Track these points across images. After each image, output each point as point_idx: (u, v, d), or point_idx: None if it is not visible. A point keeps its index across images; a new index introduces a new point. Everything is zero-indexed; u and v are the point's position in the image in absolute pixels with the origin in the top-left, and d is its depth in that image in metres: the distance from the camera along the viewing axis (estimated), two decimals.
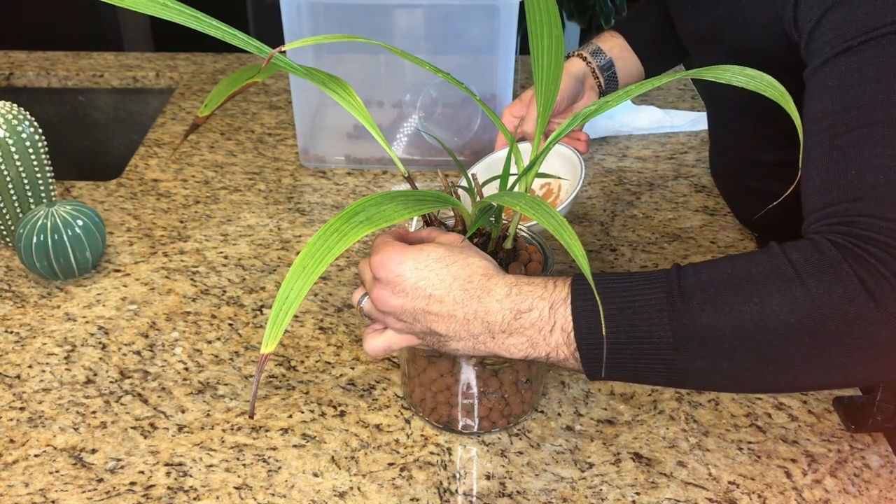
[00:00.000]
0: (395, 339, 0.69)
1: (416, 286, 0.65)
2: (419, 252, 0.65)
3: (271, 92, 1.46)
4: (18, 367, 0.86)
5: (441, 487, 0.73)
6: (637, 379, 0.68)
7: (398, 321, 0.67)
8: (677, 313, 0.61)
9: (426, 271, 0.65)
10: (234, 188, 1.17)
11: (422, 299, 0.65)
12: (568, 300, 0.64)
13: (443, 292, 0.64)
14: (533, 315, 0.64)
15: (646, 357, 0.63)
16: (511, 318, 0.64)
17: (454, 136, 1.23)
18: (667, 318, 0.61)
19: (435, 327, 0.65)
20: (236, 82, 0.67)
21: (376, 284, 0.67)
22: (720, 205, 1.12)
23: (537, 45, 0.70)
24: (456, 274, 0.65)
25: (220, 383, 0.84)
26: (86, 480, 0.74)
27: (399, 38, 1.18)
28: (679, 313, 0.61)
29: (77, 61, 1.58)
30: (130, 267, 1.01)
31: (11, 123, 0.95)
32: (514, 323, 0.64)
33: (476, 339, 0.65)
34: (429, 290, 0.65)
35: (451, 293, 0.64)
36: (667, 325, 0.61)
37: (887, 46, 0.64)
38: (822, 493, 0.72)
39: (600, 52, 1.10)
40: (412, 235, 0.71)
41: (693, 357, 0.62)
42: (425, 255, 0.65)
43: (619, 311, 0.63)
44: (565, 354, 0.64)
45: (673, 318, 0.61)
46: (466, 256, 0.66)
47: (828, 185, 0.65)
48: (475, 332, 0.65)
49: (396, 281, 0.65)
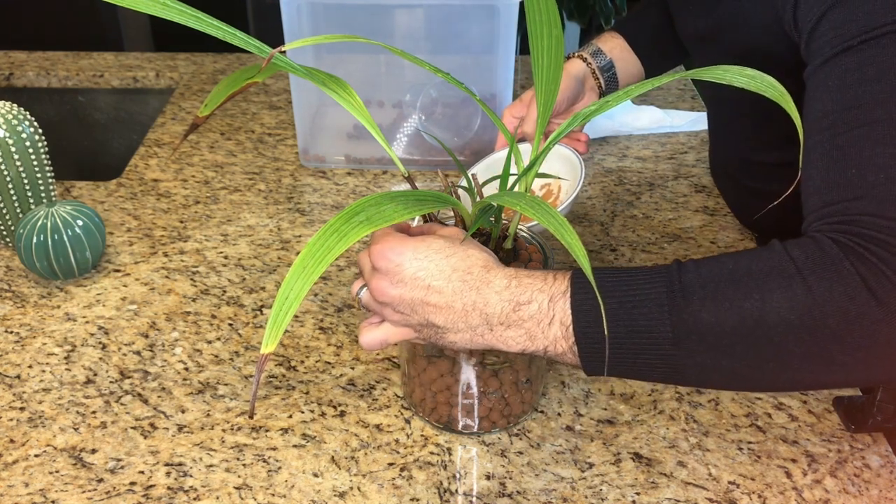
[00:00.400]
0: (391, 331, 0.69)
1: (414, 276, 0.65)
2: (419, 243, 0.65)
3: (271, 92, 1.46)
4: (18, 367, 0.86)
5: (441, 487, 0.73)
6: (635, 375, 0.68)
7: (396, 312, 0.67)
8: (677, 308, 0.61)
9: (426, 261, 0.65)
10: (234, 188, 1.17)
11: (420, 289, 0.65)
12: (567, 293, 0.64)
13: (442, 283, 0.64)
14: (532, 307, 0.64)
15: (645, 352, 0.63)
16: (510, 311, 0.64)
17: (454, 136, 1.23)
18: (667, 313, 0.61)
19: (433, 318, 0.65)
20: (236, 82, 0.67)
21: (375, 274, 0.66)
22: (720, 205, 1.12)
23: (537, 45, 0.70)
24: (455, 265, 0.65)
25: (220, 383, 0.84)
26: (86, 480, 0.74)
27: (399, 38, 1.18)
28: (679, 308, 0.61)
29: (77, 61, 1.58)
30: (130, 267, 1.01)
31: (11, 123, 0.95)
32: (513, 315, 0.64)
33: (474, 330, 0.65)
34: (428, 280, 0.65)
35: (451, 284, 0.64)
36: (666, 320, 0.61)
37: (887, 46, 0.64)
38: (822, 493, 0.72)
39: (601, 53, 1.10)
40: (413, 229, 0.71)
41: (692, 353, 0.62)
42: (425, 246, 0.65)
43: (619, 305, 0.62)
44: (563, 348, 0.64)
45: (673, 314, 0.61)
46: (466, 248, 0.66)
47: (828, 185, 0.65)
48: (473, 324, 0.65)
49: (395, 271, 0.65)
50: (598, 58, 1.10)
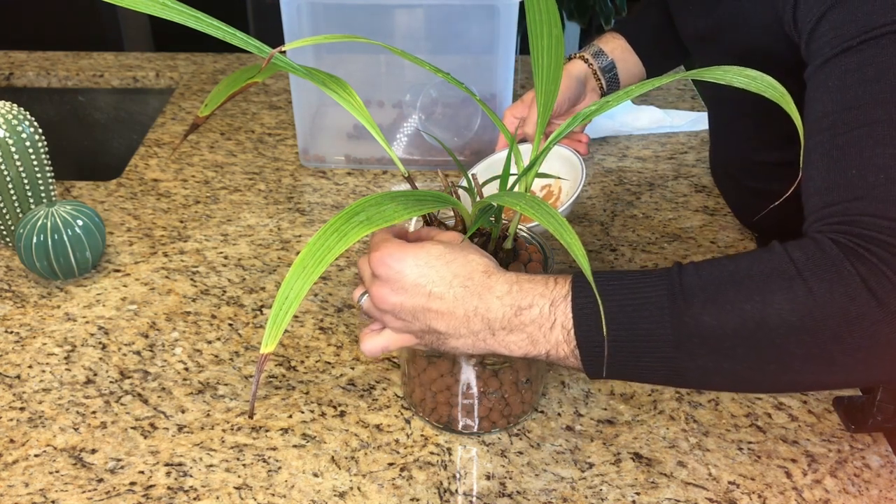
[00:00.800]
0: (392, 338, 0.69)
1: (416, 283, 0.65)
2: (419, 249, 0.65)
3: (271, 92, 1.46)
4: (18, 367, 0.86)
5: (441, 487, 0.73)
6: (637, 377, 0.68)
7: (397, 319, 0.67)
8: (678, 311, 0.61)
9: (426, 268, 0.65)
10: (234, 188, 1.17)
11: (422, 296, 0.65)
12: (569, 297, 0.64)
13: (443, 289, 0.64)
14: (533, 312, 0.64)
15: (646, 355, 0.63)
16: (511, 315, 0.64)
17: (454, 136, 1.23)
18: (668, 316, 0.61)
19: (435, 325, 0.65)
20: (236, 82, 0.67)
21: (375, 282, 0.66)
22: (720, 205, 1.12)
23: (537, 44, 0.70)
24: (456, 271, 0.65)
25: (220, 383, 0.84)
26: (86, 480, 0.74)
27: (399, 38, 1.18)
28: (680, 311, 0.61)
29: (77, 61, 1.58)
30: (130, 267, 1.01)
31: (11, 123, 0.95)
32: (515, 320, 0.64)
33: (476, 336, 0.65)
34: (429, 287, 0.64)
35: (452, 290, 0.64)
36: (668, 323, 0.61)
37: (887, 46, 0.64)
38: (822, 493, 0.72)
39: (602, 54, 1.10)
40: (411, 235, 0.71)
41: (694, 355, 0.62)
42: (425, 253, 0.65)
43: (620, 308, 0.62)
44: (565, 352, 0.64)
45: (674, 316, 0.61)
46: (466, 254, 0.66)
47: (828, 185, 0.65)
48: (475, 329, 0.65)
49: (396, 278, 0.65)
50: (599, 58, 1.10)
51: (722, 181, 1.09)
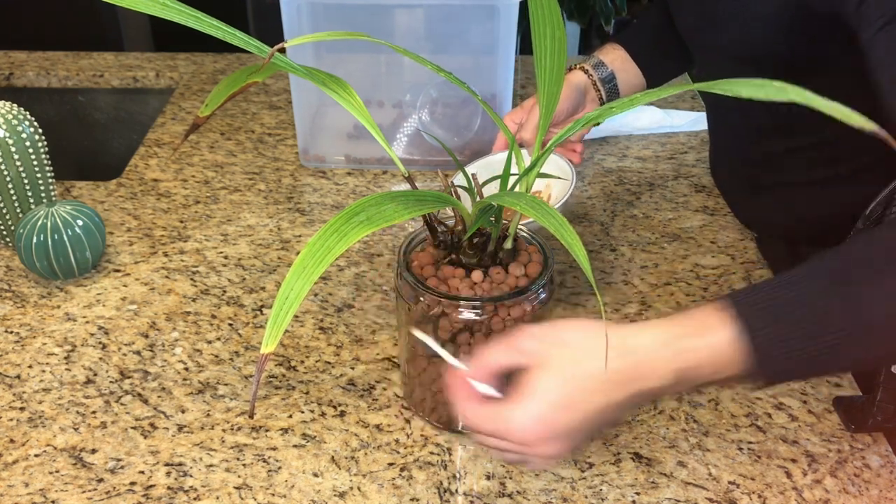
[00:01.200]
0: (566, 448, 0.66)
1: (569, 429, 0.63)
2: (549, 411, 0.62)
3: (271, 92, 1.46)
4: (18, 367, 0.86)
5: (441, 487, 0.73)
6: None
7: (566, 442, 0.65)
8: (851, 302, 0.60)
9: (573, 414, 0.62)
10: (234, 188, 1.17)
11: (587, 424, 0.63)
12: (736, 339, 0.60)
13: (595, 415, 0.63)
14: (703, 371, 0.62)
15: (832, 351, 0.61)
16: (683, 379, 0.62)
17: (454, 136, 1.23)
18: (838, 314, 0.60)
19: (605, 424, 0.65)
20: (236, 82, 0.67)
21: (535, 448, 0.63)
22: (720, 205, 1.12)
23: (540, 45, 0.70)
24: (595, 401, 0.62)
25: (220, 383, 0.84)
26: (86, 480, 0.74)
27: (399, 38, 1.18)
28: (849, 295, 0.60)
29: (77, 61, 1.58)
30: (130, 267, 1.01)
31: (11, 123, 0.95)
32: (684, 382, 0.62)
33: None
34: (587, 421, 0.63)
35: (604, 414, 0.63)
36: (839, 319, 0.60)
37: None
38: (822, 493, 0.72)
39: (602, 65, 1.10)
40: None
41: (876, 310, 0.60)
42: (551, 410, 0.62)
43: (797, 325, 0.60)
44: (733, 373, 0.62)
45: (846, 311, 0.60)
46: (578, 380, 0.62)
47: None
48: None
49: (555, 438, 0.63)
50: (599, 69, 1.10)
51: (721, 181, 1.09)
